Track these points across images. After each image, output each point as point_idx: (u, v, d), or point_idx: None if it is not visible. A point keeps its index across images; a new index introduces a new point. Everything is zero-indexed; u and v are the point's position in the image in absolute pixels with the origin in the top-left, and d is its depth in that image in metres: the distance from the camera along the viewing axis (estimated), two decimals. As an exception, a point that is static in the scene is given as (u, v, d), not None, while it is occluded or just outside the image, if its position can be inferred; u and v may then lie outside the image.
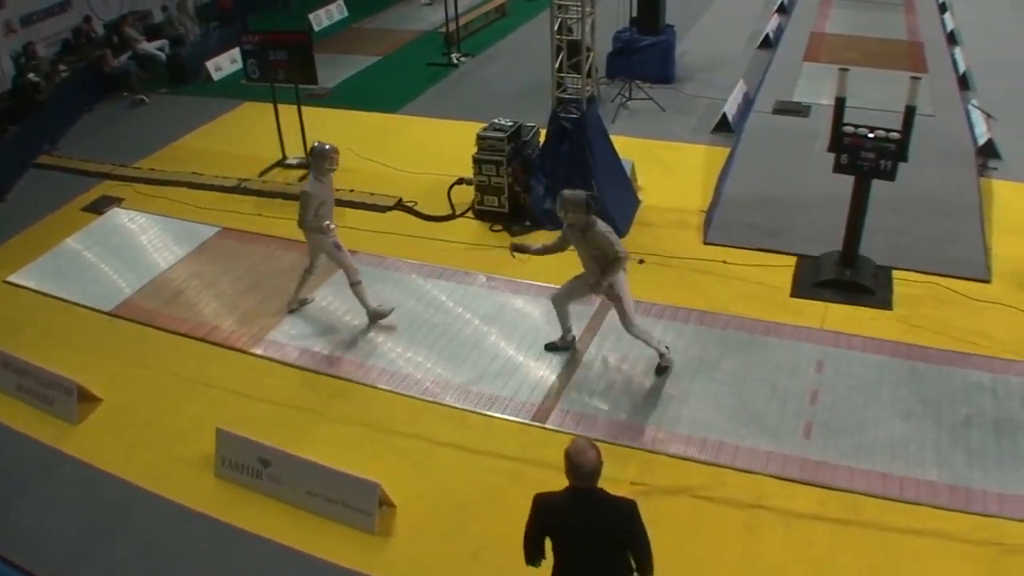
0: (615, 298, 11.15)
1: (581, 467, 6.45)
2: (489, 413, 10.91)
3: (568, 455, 6.51)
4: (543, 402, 11.06)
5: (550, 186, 14.67)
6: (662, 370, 11.57)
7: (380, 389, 11.30)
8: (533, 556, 6.76)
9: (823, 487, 9.92)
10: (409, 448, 10.33)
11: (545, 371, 11.61)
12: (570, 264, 11.63)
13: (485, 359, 11.85)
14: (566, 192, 10.83)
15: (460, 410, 10.95)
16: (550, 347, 12.01)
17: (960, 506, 9.69)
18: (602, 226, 10.77)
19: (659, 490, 9.75)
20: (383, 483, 9.21)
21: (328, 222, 11.95)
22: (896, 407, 11.10)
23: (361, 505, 9.23)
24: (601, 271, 10.83)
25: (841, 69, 12.85)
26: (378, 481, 9.19)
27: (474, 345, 12.11)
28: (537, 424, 10.75)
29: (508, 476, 9.89)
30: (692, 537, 9.19)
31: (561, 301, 11.67)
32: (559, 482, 9.58)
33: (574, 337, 12.05)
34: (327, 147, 11.79)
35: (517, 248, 11.33)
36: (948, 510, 9.64)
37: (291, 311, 12.82)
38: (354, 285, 12.26)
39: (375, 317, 12.46)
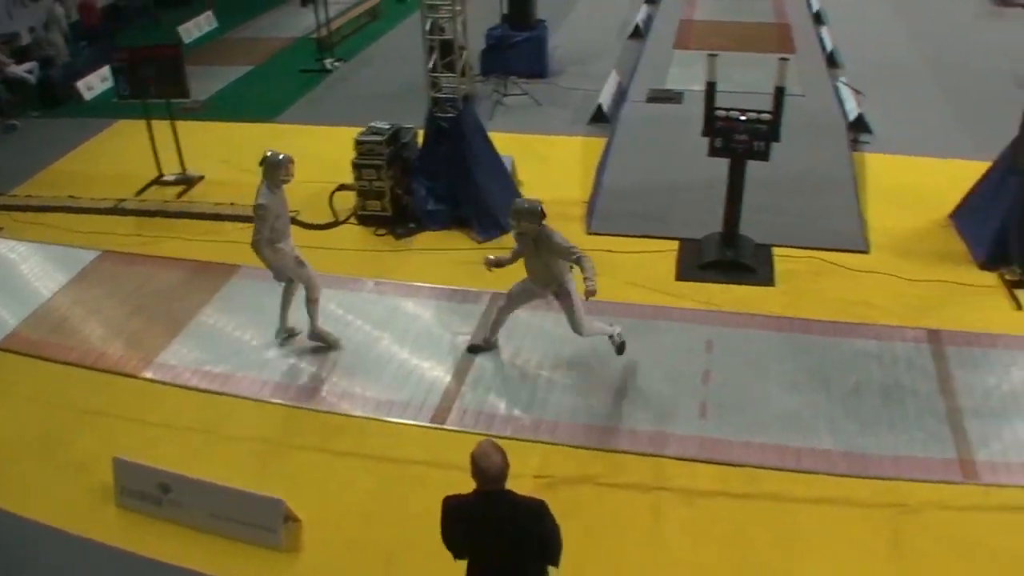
0: (565, 301, 11.22)
1: (486, 471, 6.49)
2: (388, 419, 10.90)
3: (473, 459, 6.54)
4: (441, 403, 11.12)
5: (431, 187, 14.75)
6: (622, 348, 11.73)
7: (276, 404, 11.22)
8: (459, 553, 6.77)
9: (722, 464, 10.20)
10: (310, 461, 10.28)
11: (440, 372, 11.67)
12: (449, 264, 11.75)
13: (379, 364, 11.85)
14: (519, 201, 10.92)
15: (359, 418, 10.94)
16: (473, 349, 12.05)
17: (857, 472, 10.09)
18: (555, 234, 10.79)
19: (563, 481, 9.90)
20: (286, 499, 9.16)
21: (287, 238, 11.63)
22: (786, 380, 11.46)
23: (266, 523, 9.16)
24: (554, 279, 11.01)
25: (710, 54, 13.14)
26: (281, 497, 9.14)
27: (367, 351, 12.10)
28: (437, 426, 10.81)
29: (412, 481, 9.93)
30: (600, 524, 9.36)
31: (507, 311, 11.72)
32: (464, 483, 9.65)
33: (497, 339, 12.08)
34: (281, 156, 11.33)
35: (494, 263, 11.33)
36: (846, 476, 10.03)
37: (279, 339, 12.44)
38: (311, 302, 11.96)
39: (319, 339, 12.17)
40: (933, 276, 13.53)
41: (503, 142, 16.24)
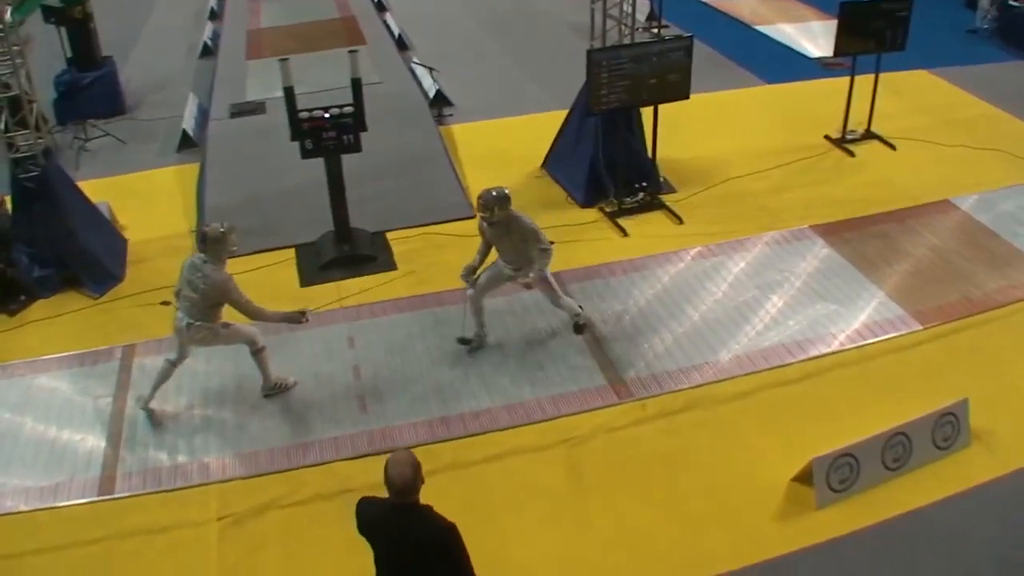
0: (544, 284, 11.45)
1: (393, 481, 6.35)
2: (56, 504, 10.20)
3: (385, 469, 6.38)
4: (104, 473, 10.55)
5: (32, 253, 14.05)
6: (580, 328, 11.89)
7: None
8: None
9: (395, 450, 10.33)
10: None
11: (93, 441, 11.01)
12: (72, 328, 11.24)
13: (30, 450, 11.03)
14: (486, 191, 10.89)
15: (26, 512, 10.13)
16: (464, 341, 11.94)
17: (522, 420, 10.69)
18: (525, 217, 11.07)
19: (247, 514, 9.74)
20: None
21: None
22: (432, 355, 11.89)
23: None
24: (529, 262, 11.14)
25: (281, 60, 13.13)
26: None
27: (15, 439, 11.19)
28: (107, 497, 10.25)
29: (99, 561, 9.40)
30: (296, 547, 9.33)
31: (479, 297, 11.52)
32: (150, 549, 9.55)
33: (486, 334, 11.92)
34: (222, 228, 10.49)
35: (469, 272, 11.47)
36: (512, 428, 10.58)
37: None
38: (257, 353, 11.23)
39: (276, 389, 11.48)
40: (540, 224, 14.05)
41: (95, 189, 15.68)
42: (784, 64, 21.05)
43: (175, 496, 10.16)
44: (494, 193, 10.88)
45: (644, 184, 14.71)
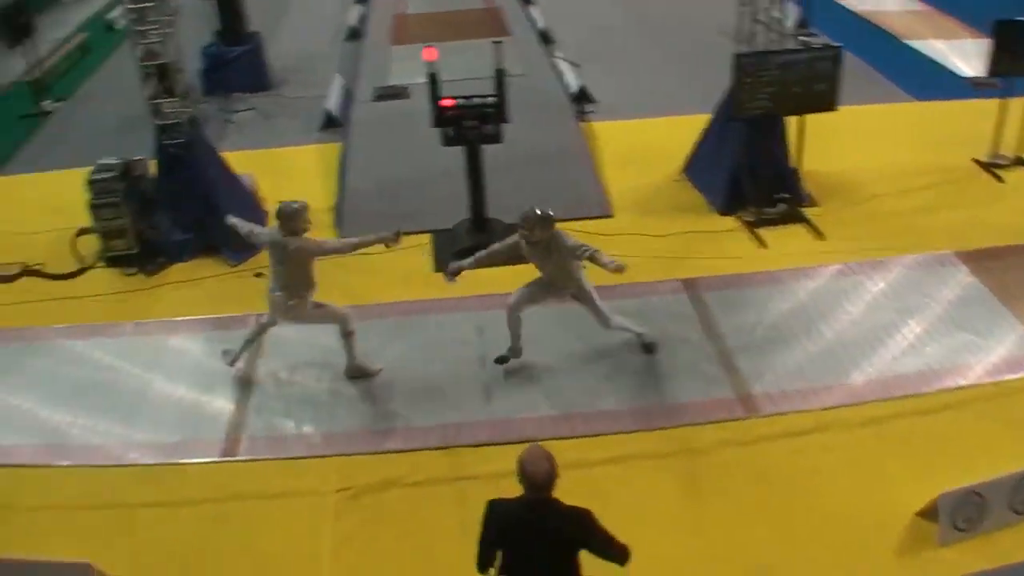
0: (586, 299, 11.18)
1: (533, 477, 6.42)
2: (179, 461, 10.55)
3: (521, 464, 6.46)
4: (228, 435, 10.86)
5: (175, 217, 14.39)
6: (650, 347, 11.71)
7: (62, 467, 10.60)
8: (484, 564, 6.72)
9: (516, 443, 10.25)
10: (111, 519, 9.80)
11: (222, 403, 11.39)
12: (208, 293, 11.52)
13: (159, 407, 11.42)
14: (530, 210, 10.54)
15: (150, 466, 10.52)
16: (501, 360, 11.69)
17: (644, 426, 10.56)
18: (565, 236, 10.73)
19: (366, 490, 9.88)
20: (93, 561, 8.76)
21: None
22: (561, 350, 11.84)
23: (79, 588, 8.80)
24: (571, 279, 10.98)
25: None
26: (87, 560, 8.74)
27: (143, 396, 11.63)
28: (228, 459, 10.55)
29: (215, 520, 9.68)
30: (410, 524, 9.42)
31: (517, 309, 11.38)
32: (267, 514, 9.67)
33: (521, 348, 11.77)
34: (295, 205, 10.71)
35: (454, 271, 11.21)
36: (635, 432, 10.47)
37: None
38: (347, 336, 11.42)
39: (358, 372, 11.64)
40: (678, 229, 14.15)
41: (239, 160, 16.02)
42: (934, 81, 20.51)
43: (296, 464, 10.38)
44: (538, 212, 10.50)
45: (786, 195, 14.48)
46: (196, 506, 9.93)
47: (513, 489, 6.67)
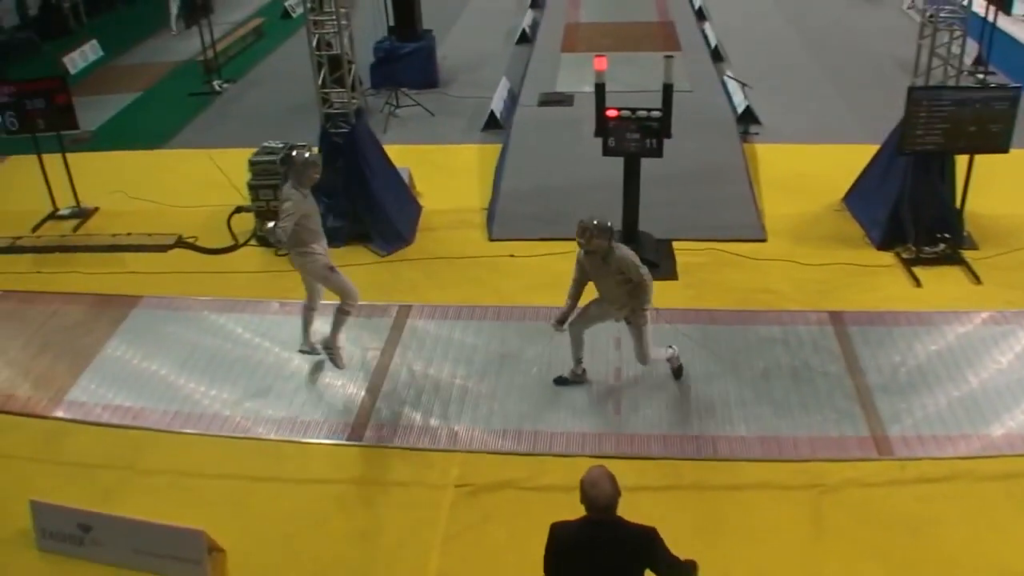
0: (636, 326, 10.84)
1: (596, 500, 6.38)
2: (303, 440, 10.76)
3: (582, 486, 6.43)
4: (356, 419, 11.02)
5: (330, 204, 14.62)
6: (680, 372, 11.60)
7: (189, 434, 10.92)
8: None
9: (640, 458, 10.32)
10: (228, 489, 10.07)
11: (353, 388, 11.56)
12: (354, 280, 11.68)
13: (291, 386, 11.68)
14: (588, 219, 10.30)
15: (274, 441, 10.76)
16: (560, 381, 11.61)
17: (773, 455, 10.31)
18: (625, 250, 10.52)
19: (484, 488, 9.90)
20: (207, 529, 8.95)
21: (321, 240, 11.38)
22: (697, 370, 11.66)
23: (189, 555, 8.94)
24: (632, 297, 10.60)
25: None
26: (202, 528, 8.93)
27: (278, 373, 11.92)
28: (353, 443, 10.70)
29: (332, 500, 9.84)
30: (524, 527, 9.26)
31: (578, 329, 11.26)
32: (383, 500, 9.78)
33: (584, 370, 11.59)
34: (308, 155, 10.84)
35: (560, 320, 11.00)
36: (763, 460, 10.24)
37: (303, 352, 12.10)
38: (342, 312, 11.60)
39: (327, 351, 11.80)
40: (831, 259, 13.81)
41: (398, 154, 16.23)
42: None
43: (419, 455, 10.47)
44: (595, 221, 10.22)
45: (946, 235, 14.02)
46: (314, 485, 10.10)
47: (625, 504, 6.58)
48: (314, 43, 14.20)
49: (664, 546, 6.50)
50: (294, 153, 11.03)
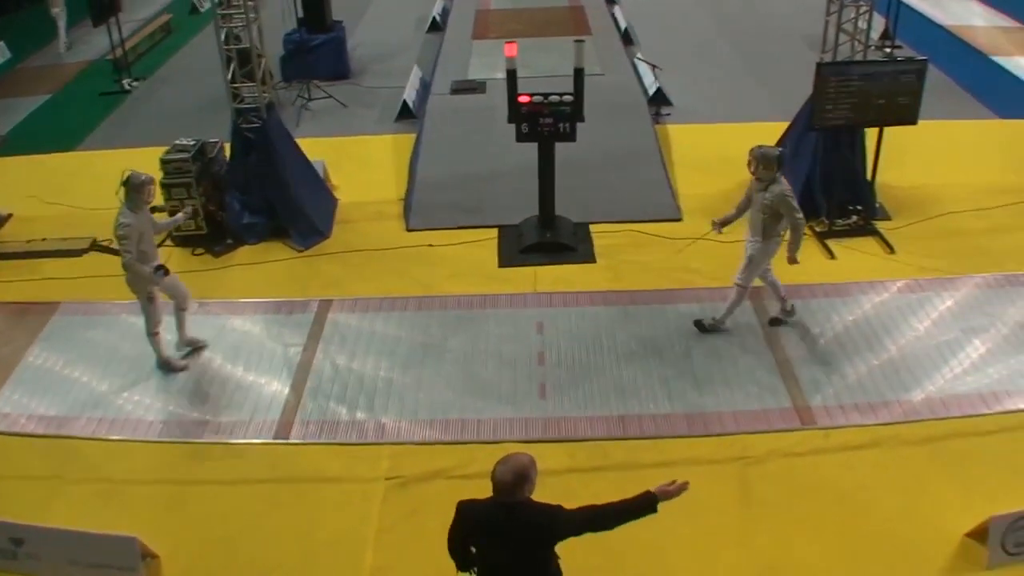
0: (751, 256, 11.51)
1: (495, 481, 6.41)
2: (231, 440, 10.68)
3: (493, 469, 6.45)
4: (282, 417, 10.96)
5: (245, 200, 14.53)
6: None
7: (114, 440, 10.77)
8: (462, 564, 6.80)
9: (569, 441, 10.43)
10: (159, 494, 9.96)
11: (278, 386, 11.51)
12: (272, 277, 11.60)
13: (215, 386, 11.59)
14: (759, 147, 11.08)
15: (202, 444, 10.66)
16: (774, 321, 12.25)
17: (699, 431, 10.51)
18: (786, 187, 11.05)
19: (414, 479, 9.93)
20: (140, 535, 8.86)
21: (156, 259, 11.32)
22: (619, 352, 11.81)
23: (124, 562, 8.85)
24: (765, 236, 11.25)
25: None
26: (135, 535, 8.84)
27: (201, 374, 11.81)
28: (281, 441, 10.64)
29: (264, 500, 9.80)
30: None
31: (752, 279, 11.71)
32: (315, 497, 9.78)
33: (793, 304, 12.21)
34: (143, 177, 10.82)
35: (722, 223, 11.73)
36: (689, 437, 10.41)
37: (183, 356, 12.07)
38: (180, 312, 11.88)
39: (189, 346, 12.09)
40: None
41: (312, 147, 16.13)
42: (1020, 99, 20.07)
43: (348, 450, 10.47)
44: (762, 150, 11.02)
45: (859, 207, 14.28)
46: (246, 486, 10.04)
47: (556, 487, 6.62)
48: (223, 37, 14.03)
49: (572, 516, 6.51)
50: (130, 174, 10.92)
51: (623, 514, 6.64)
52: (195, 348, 12.18)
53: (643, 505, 6.65)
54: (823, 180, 14.44)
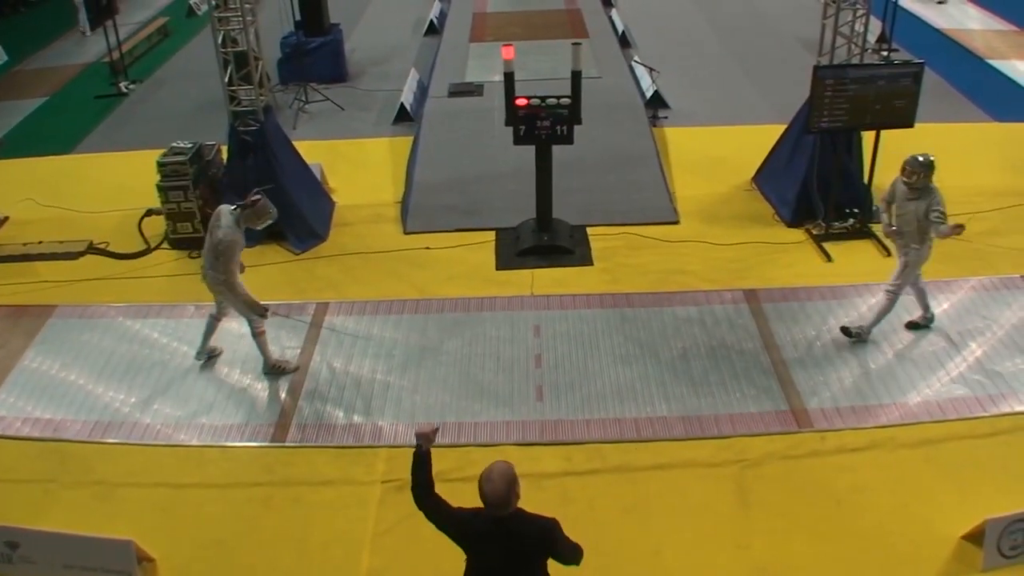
0: (905, 263, 11.47)
1: (485, 496, 6.38)
2: (226, 444, 10.66)
3: (480, 480, 6.41)
4: (279, 420, 10.97)
5: (245, 203, 14.50)
6: (847, 331, 12.00)
7: (110, 443, 10.75)
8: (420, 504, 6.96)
9: (565, 444, 10.42)
10: (155, 497, 9.95)
11: (274, 389, 11.50)
12: (269, 279, 11.59)
13: (211, 389, 11.57)
14: (915, 157, 11.16)
15: (197, 447, 10.64)
16: (911, 326, 12.17)
17: (695, 434, 10.51)
18: (939, 193, 11.09)
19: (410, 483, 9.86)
20: (136, 539, 8.87)
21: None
22: (615, 354, 11.80)
23: (119, 566, 8.85)
24: (919, 241, 11.22)
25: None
26: (130, 538, 8.84)
27: (197, 377, 11.79)
28: (277, 444, 10.63)
29: (260, 503, 9.79)
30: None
31: (905, 286, 11.67)
32: (311, 500, 9.80)
33: (933, 313, 12.16)
34: (271, 208, 11.13)
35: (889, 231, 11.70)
36: (686, 439, 10.41)
37: (200, 360, 12.01)
38: (259, 335, 11.59)
39: (276, 370, 11.78)
40: (743, 239, 14.03)
41: (310, 150, 16.14)
42: (1016, 103, 20.10)
43: (344, 453, 10.46)
44: (920, 159, 11.08)
45: (856, 211, 14.30)
46: (241, 489, 10.03)
47: (553, 489, 6.62)
48: (220, 40, 14.01)
49: (562, 537, 6.56)
50: (261, 197, 11.12)
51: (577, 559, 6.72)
52: (212, 356, 12.11)
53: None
54: (820, 183, 14.45)
